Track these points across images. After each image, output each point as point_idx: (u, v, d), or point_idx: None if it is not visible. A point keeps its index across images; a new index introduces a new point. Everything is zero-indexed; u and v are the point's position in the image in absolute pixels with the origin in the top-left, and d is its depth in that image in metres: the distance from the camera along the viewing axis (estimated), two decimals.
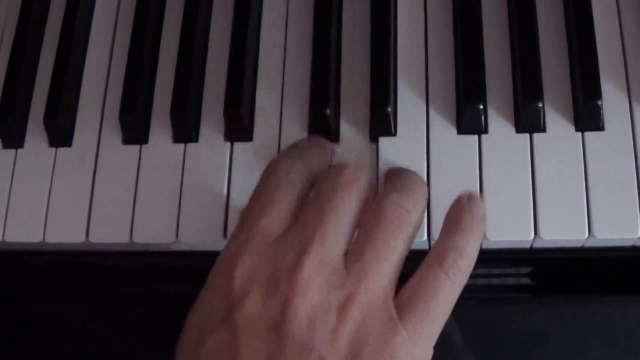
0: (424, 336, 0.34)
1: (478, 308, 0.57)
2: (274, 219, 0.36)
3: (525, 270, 0.47)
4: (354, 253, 0.35)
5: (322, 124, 0.45)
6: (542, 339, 0.57)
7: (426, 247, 0.43)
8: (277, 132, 0.46)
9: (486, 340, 0.59)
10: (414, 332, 0.34)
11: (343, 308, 0.33)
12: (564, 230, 0.42)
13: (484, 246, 0.43)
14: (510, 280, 0.47)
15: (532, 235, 0.42)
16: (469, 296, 0.48)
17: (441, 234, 0.38)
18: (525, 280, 0.47)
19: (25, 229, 0.46)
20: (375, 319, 0.34)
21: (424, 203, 0.39)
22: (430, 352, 0.35)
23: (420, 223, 0.38)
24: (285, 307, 0.33)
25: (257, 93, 0.47)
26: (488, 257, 0.45)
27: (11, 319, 0.63)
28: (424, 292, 0.35)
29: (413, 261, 0.37)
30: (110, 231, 0.45)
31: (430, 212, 0.43)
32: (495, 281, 0.47)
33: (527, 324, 0.57)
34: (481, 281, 0.47)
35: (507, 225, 0.43)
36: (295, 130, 0.45)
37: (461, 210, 0.38)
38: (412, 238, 0.37)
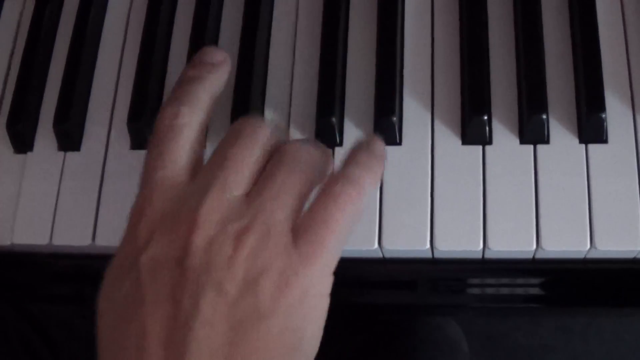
0: (317, 261, 0.35)
1: (484, 318, 0.57)
2: (169, 171, 0.38)
3: (532, 281, 0.47)
4: (255, 190, 0.37)
5: (328, 132, 0.45)
6: (548, 350, 0.57)
7: None
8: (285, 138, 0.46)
9: (491, 350, 0.59)
10: (306, 258, 0.35)
11: (239, 237, 0.35)
12: (565, 241, 0.43)
13: (489, 256, 0.44)
14: (518, 291, 0.47)
15: (534, 246, 0.43)
16: (475, 306, 0.48)
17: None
18: (533, 291, 0.47)
19: (33, 232, 0.47)
20: (270, 246, 0.35)
21: (325, 152, 0.39)
22: (329, 280, 0.36)
23: (324, 169, 0.39)
24: (185, 243, 0.35)
25: (266, 100, 0.47)
26: (494, 267, 0.46)
27: (20, 322, 0.63)
28: (314, 220, 0.36)
29: None
30: (116, 234, 0.45)
31: (433, 221, 0.43)
32: (504, 291, 0.48)
33: (533, 335, 0.57)
34: (490, 290, 0.47)
35: (509, 236, 0.43)
36: (302, 136, 0.46)
37: (359, 147, 0.39)
38: (312, 179, 0.38)
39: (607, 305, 0.48)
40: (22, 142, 0.49)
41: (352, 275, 0.46)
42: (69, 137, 0.48)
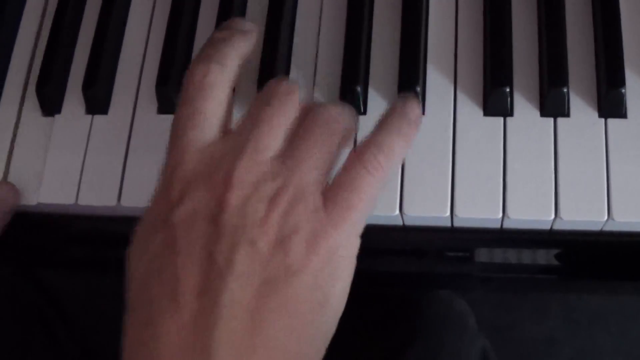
0: (346, 225, 0.37)
1: (492, 304, 0.57)
2: (201, 130, 0.38)
3: (548, 253, 0.48)
4: (287, 151, 0.38)
5: (352, 100, 0.46)
6: (554, 342, 0.57)
7: None
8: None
9: (497, 341, 0.60)
10: (336, 221, 0.36)
11: (273, 198, 0.36)
12: (583, 211, 0.43)
13: (508, 226, 0.44)
14: (535, 262, 0.48)
15: (553, 216, 0.43)
16: (489, 276, 0.49)
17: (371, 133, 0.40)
18: (548, 263, 0.48)
19: (59, 191, 0.48)
20: (303, 208, 0.36)
21: (352, 114, 0.40)
22: (356, 242, 0.38)
23: (351, 131, 0.40)
24: (220, 201, 0.36)
25: (292, 67, 0.48)
26: (511, 238, 0.46)
27: (34, 293, 0.64)
28: (345, 185, 0.37)
29: None
30: (142, 195, 0.46)
31: (454, 189, 0.44)
32: (521, 260, 0.48)
33: (540, 327, 0.58)
34: (508, 260, 0.48)
35: (528, 205, 0.44)
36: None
37: (392, 111, 0.40)
38: (343, 142, 0.39)
39: (622, 279, 0.49)
40: (50, 104, 0.49)
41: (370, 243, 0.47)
42: (97, 100, 0.49)
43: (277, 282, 0.35)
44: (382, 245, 0.48)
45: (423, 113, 0.46)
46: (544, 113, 0.45)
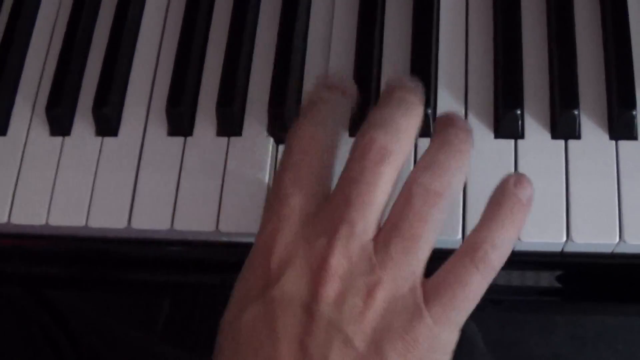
0: (448, 324, 0.35)
1: (497, 324, 0.57)
2: (304, 197, 0.37)
3: (556, 275, 0.48)
4: (382, 239, 0.36)
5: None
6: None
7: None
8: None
9: (502, 358, 0.59)
10: (439, 319, 0.35)
11: (370, 293, 0.34)
12: (595, 234, 0.43)
13: (519, 248, 0.44)
14: (543, 285, 0.48)
15: (565, 238, 0.43)
16: (500, 299, 0.49)
17: (480, 220, 0.37)
18: (555, 286, 0.48)
19: (69, 213, 0.47)
20: (401, 304, 0.35)
21: (460, 177, 0.38)
22: (456, 338, 0.36)
23: (454, 199, 0.37)
24: (316, 290, 0.35)
25: (304, 89, 0.48)
26: (521, 260, 0.46)
27: (39, 310, 0.64)
28: (452, 282, 0.35)
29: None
30: (152, 218, 0.46)
31: (465, 214, 0.44)
32: (529, 283, 0.48)
33: (545, 344, 0.57)
34: (514, 283, 0.48)
35: (540, 228, 0.43)
36: None
37: (504, 194, 0.37)
38: (442, 221, 0.37)
39: (631, 302, 0.49)
40: (60, 126, 0.49)
41: None
42: (107, 122, 0.48)
43: None
44: None
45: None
46: (555, 135, 0.45)
